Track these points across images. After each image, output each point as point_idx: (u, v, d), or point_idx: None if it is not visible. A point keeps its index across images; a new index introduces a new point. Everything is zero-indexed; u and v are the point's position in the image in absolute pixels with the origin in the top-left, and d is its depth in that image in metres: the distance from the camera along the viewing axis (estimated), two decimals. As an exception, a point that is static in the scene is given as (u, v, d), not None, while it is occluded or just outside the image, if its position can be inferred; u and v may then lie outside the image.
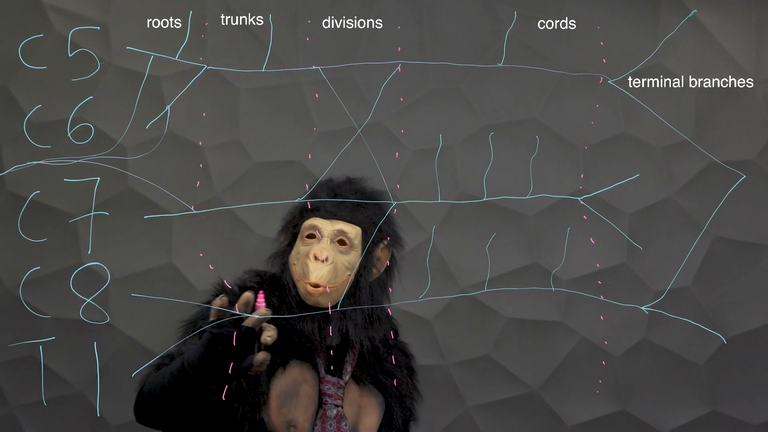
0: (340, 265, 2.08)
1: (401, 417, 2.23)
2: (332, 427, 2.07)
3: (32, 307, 2.79)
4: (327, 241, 2.09)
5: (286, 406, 2.05)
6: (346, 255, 2.10)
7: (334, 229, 2.10)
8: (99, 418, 3.16)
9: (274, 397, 2.05)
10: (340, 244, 2.09)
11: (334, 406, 2.08)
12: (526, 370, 3.29)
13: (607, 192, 3.24)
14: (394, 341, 2.26)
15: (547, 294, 3.29)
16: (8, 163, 3.16)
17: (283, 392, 2.05)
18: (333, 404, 2.08)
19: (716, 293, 3.33)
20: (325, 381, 2.09)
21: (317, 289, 2.05)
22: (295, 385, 2.06)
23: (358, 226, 2.12)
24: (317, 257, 2.06)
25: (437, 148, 3.26)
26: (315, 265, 2.06)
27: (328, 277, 2.06)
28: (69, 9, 3.21)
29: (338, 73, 3.26)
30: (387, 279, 2.18)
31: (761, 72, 3.35)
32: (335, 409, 2.08)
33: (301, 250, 2.09)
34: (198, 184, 3.22)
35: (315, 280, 2.05)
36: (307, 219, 2.11)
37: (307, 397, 2.07)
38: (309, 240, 2.10)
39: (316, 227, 2.10)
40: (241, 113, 3.26)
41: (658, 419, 3.31)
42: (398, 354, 2.26)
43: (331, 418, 2.08)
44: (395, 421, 2.20)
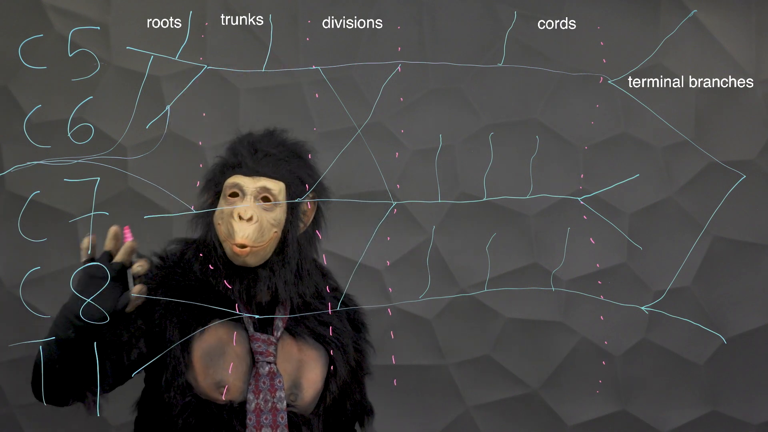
0: (265, 222, 2.02)
1: (346, 368, 2.16)
2: (265, 385, 2.02)
3: (32, 307, 2.79)
4: (251, 199, 2.03)
5: (213, 367, 2.01)
6: (271, 212, 2.04)
7: (257, 186, 2.04)
8: (99, 418, 3.15)
9: (197, 359, 2.01)
10: (264, 201, 2.03)
11: (266, 363, 2.03)
12: (526, 370, 3.29)
13: (607, 192, 3.24)
14: (333, 294, 2.19)
15: (547, 294, 3.29)
16: (8, 163, 3.16)
17: (207, 354, 2.02)
18: (265, 361, 2.03)
19: (716, 293, 3.33)
20: (254, 339, 2.04)
21: (244, 250, 2.00)
22: (221, 345, 2.02)
23: (281, 181, 2.06)
24: (242, 216, 2.00)
25: (437, 148, 3.26)
26: (240, 225, 2.00)
27: (254, 237, 2.00)
28: (69, 9, 3.21)
29: (338, 73, 3.26)
30: (313, 231, 2.12)
31: (761, 72, 3.35)
32: (267, 366, 2.03)
33: (224, 210, 2.03)
34: (198, 184, 3.21)
35: (241, 241, 1.99)
36: (228, 177, 2.06)
37: (235, 356, 2.02)
38: (232, 199, 2.04)
39: (238, 185, 2.04)
40: (241, 113, 3.26)
41: (658, 419, 3.31)
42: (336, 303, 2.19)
43: (264, 375, 2.03)
44: (339, 372, 2.14)
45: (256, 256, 2.03)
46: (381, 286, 3.25)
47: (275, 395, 2.03)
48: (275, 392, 2.03)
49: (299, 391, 2.07)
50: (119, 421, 3.19)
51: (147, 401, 2.15)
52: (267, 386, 2.03)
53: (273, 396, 2.03)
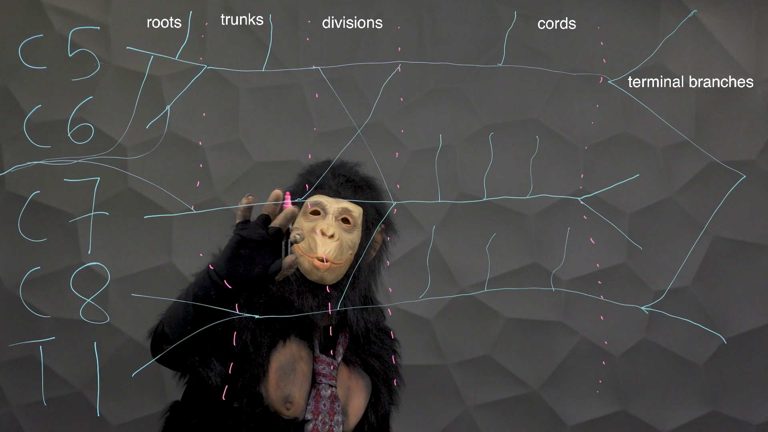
0: (344, 242, 2.10)
1: (388, 400, 2.22)
2: (326, 407, 2.07)
3: (32, 307, 2.79)
4: (332, 218, 2.11)
5: (284, 381, 2.05)
6: (349, 234, 2.12)
7: (339, 207, 2.12)
8: (99, 418, 3.16)
9: (273, 370, 2.05)
10: (344, 223, 2.11)
11: (329, 386, 2.08)
12: (526, 370, 3.29)
13: (607, 192, 3.24)
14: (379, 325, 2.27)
15: (547, 294, 3.29)
16: (8, 163, 3.16)
17: (282, 367, 2.05)
18: (327, 384, 2.08)
19: (716, 293, 3.33)
20: (319, 360, 2.09)
21: (324, 264, 2.06)
22: (293, 361, 2.07)
23: (360, 206, 2.15)
24: (324, 233, 2.07)
25: (437, 148, 3.27)
26: (323, 240, 2.07)
27: (335, 253, 2.07)
28: (69, 9, 3.21)
29: (338, 73, 3.26)
30: (378, 262, 2.21)
31: (761, 72, 3.35)
32: (330, 389, 2.08)
33: (305, 225, 2.10)
34: (198, 184, 3.22)
35: (322, 255, 2.05)
36: (310, 196, 2.12)
37: (302, 375, 2.07)
38: (313, 216, 2.11)
39: (321, 204, 2.11)
40: (241, 113, 3.26)
41: (658, 419, 3.31)
42: (385, 337, 2.27)
43: (325, 398, 2.08)
44: (382, 404, 2.20)
45: (333, 272, 2.09)
46: (381, 286, 3.25)
47: (333, 419, 2.08)
48: (333, 416, 2.08)
49: (346, 417, 2.13)
50: (119, 421, 3.19)
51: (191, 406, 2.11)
52: (327, 408, 2.08)
53: (331, 419, 2.08)
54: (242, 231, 1.79)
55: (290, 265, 1.78)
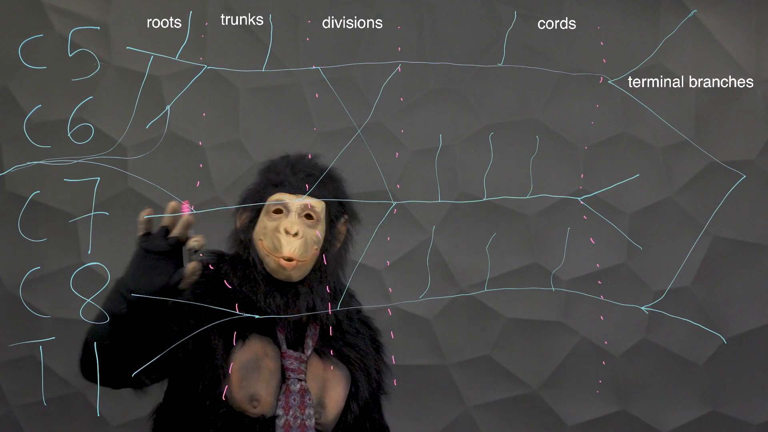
0: (309, 238, 2.09)
1: (368, 389, 2.21)
2: (296, 402, 2.07)
3: (32, 307, 2.79)
4: (295, 216, 2.10)
5: (247, 380, 2.05)
6: (313, 229, 2.11)
7: (301, 203, 2.11)
8: (99, 418, 3.16)
9: (234, 370, 2.05)
10: (307, 218, 2.11)
11: (297, 380, 2.08)
12: (526, 370, 3.29)
13: (607, 192, 3.24)
14: (357, 315, 2.26)
15: (547, 294, 3.29)
16: (8, 163, 3.16)
17: (244, 366, 2.05)
18: (296, 378, 2.08)
19: (716, 293, 3.33)
20: (287, 356, 2.09)
21: (290, 263, 2.06)
22: (257, 359, 2.06)
23: (322, 200, 2.14)
24: (288, 231, 2.07)
25: (437, 148, 3.27)
26: (287, 239, 2.07)
27: (301, 251, 2.07)
28: (69, 9, 3.21)
29: (338, 73, 3.26)
30: (344, 253, 2.20)
31: (761, 72, 3.35)
32: (298, 384, 2.08)
33: (268, 225, 2.10)
34: (198, 184, 3.21)
35: (289, 254, 2.06)
36: (271, 194, 2.12)
37: (268, 371, 2.06)
38: (276, 215, 2.11)
39: (282, 202, 2.11)
40: (241, 113, 3.26)
41: (658, 419, 3.31)
42: (362, 326, 2.26)
43: (295, 393, 2.07)
44: (361, 392, 2.19)
45: (299, 270, 2.08)
46: (381, 286, 3.25)
47: (304, 412, 2.07)
48: (305, 409, 2.08)
49: (323, 409, 2.12)
50: (119, 421, 3.19)
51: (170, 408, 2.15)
52: (297, 403, 2.07)
53: (302, 413, 2.07)
54: (144, 243, 1.85)
55: (192, 272, 1.83)
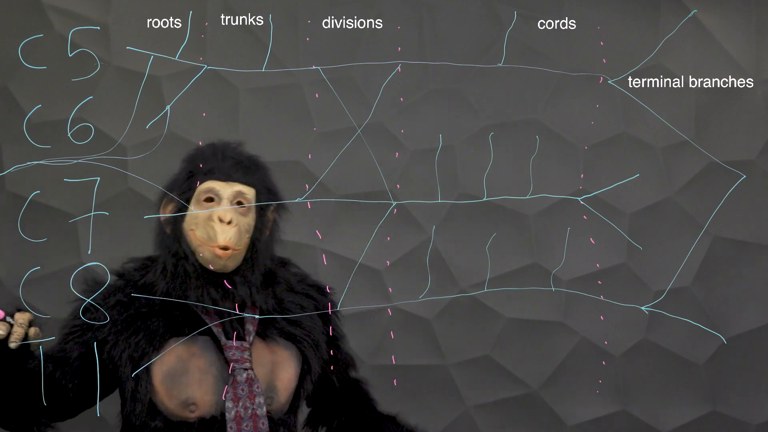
0: (242, 226, 2.06)
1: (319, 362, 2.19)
2: (244, 392, 2.03)
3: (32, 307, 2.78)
4: (227, 203, 2.07)
5: (177, 387, 2.01)
6: (245, 217, 2.08)
7: (233, 190, 2.08)
8: (99, 418, 3.15)
9: (158, 382, 2.01)
10: (239, 206, 2.08)
11: (243, 369, 2.03)
12: (526, 370, 3.29)
13: (607, 192, 3.24)
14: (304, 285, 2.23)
15: (547, 294, 3.29)
16: (8, 163, 3.15)
17: (168, 375, 2.01)
18: (241, 368, 2.03)
19: (716, 293, 3.33)
20: (228, 347, 2.04)
21: (226, 252, 2.03)
22: (181, 363, 2.02)
23: (252, 187, 2.11)
24: (222, 219, 2.04)
25: (437, 148, 3.26)
26: (222, 227, 2.03)
27: (236, 239, 2.04)
28: (69, 9, 3.21)
29: (338, 73, 3.26)
30: (271, 240, 2.17)
31: (761, 72, 3.35)
32: (244, 373, 2.03)
33: (200, 214, 2.06)
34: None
35: (224, 243, 2.02)
36: (201, 182, 2.09)
37: (199, 372, 2.02)
38: (207, 204, 2.07)
39: (213, 190, 2.08)
40: (241, 113, 3.26)
41: (658, 419, 3.31)
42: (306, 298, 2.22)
43: (242, 383, 2.03)
44: (314, 368, 2.17)
45: (234, 259, 2.05)
46: (381, 286, 3.25)
47: (254, 401, 2.03)
48: (254, 398, 2.03)
49: (274, 393, 2.09)
50: (119, 421, 3.19)
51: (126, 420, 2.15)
52: (246, 393, 2.03)
53: (252, 402, 2.03)
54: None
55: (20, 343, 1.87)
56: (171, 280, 2.07)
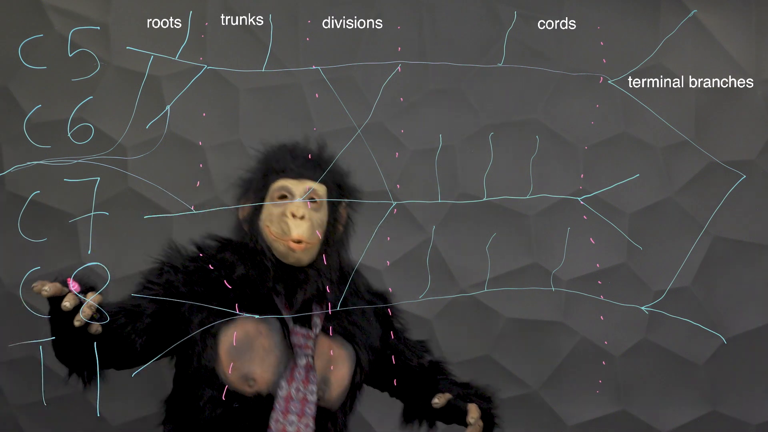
0: (314, 221, 2.15)
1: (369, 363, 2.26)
2: (300, 375, 2.11)
3: (32, 307, 2.78)
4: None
5: (240, 360, 2.09)
6: (317, 213, 2.17)
7: (304, 187, 2.17)
8: (99, 418, 3.16)
9: (224, 352, 2.09)
10: (311, 202, 2.16)
11: (305, 356, 2.12)
12: (526, 370, 3.29)
13: (607, 192, 3.24)
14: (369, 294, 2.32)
15: (547, 294, 3.29)
16: (8, 163, 3.15)
17: (235, 347, 2.09)
18: (303, 354, 2.12)
19: (716, 293, 3.33)
20: (294, 333, 2.13)
21: (299, 245, 2.12)
22: (248, 339, 2.10)
23: (323, 184, 2.20)
24: (295, 214, 2.13)
25: (437, 148, 3.26)
26: (295, 223, 2.12)
27: (309, 233, 2.13)
28: (69, 9, 3.21)
29: (338, 73, 3.26)
30: (346, 236, 2.26)
31: (761, 72, 3.35)
32: (305, 359, 2.12)
33: (274, 211, 2.15)
34: (198, 184, 3.21)
35: (297, 237, 2.11)
36: (273, 181, 2.17)
37: (263, 350, 2.11)
38: (280, 201, 2.16)
39: (286, 187, 2.17)
40: (241, 113, 3.26)
41: (658, 419, 3.31)
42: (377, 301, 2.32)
43: (301, 367, 2.11)
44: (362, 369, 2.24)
45: (308, 253, 2.15)
46: (381, 286, 3.24)
47: (307, 387, 2.11)
48: (308, 384, 2.12)
49: (327, 387, 2.16)
50: (119, 421, 3.19)
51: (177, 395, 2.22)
52: (302, 377, 2.11)
53: (305, 387, 2.11)
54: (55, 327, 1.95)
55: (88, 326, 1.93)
56: (250, 268, 2.16)
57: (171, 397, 2.24)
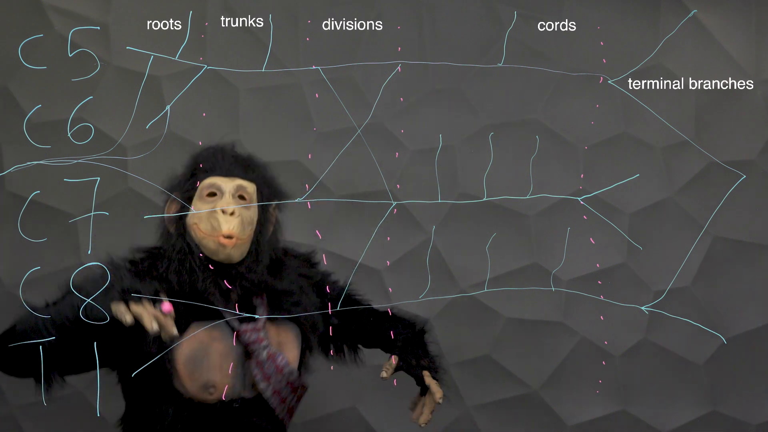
0: (245, 218, 2.16)
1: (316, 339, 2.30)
2: (270, 369, 2.13)
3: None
4: (229, 196, 2.17)
5: (198, 371, 2.10)
6: (247, 211, 2.17)
7: (234, 185, 2.18)
8: (99, 418, 3.16)
9: (181, 365, 2.10)
10: (241, 199, 2.18)
11: (263, 348, 2.13)
12: (526, 370, 3.29)
13: (607, 192, 3.24)
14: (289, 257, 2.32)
15: (547, 294, 3.29)
16: (8, 163, 3.16)
17: (190, 358, 2.10)
18: (261, 347, 2.13)
19: (716, 293, 3.33)
20: (243, 332, 2.14)
21: (230, 240, 2.12)
22: (203, 348, 2.11)
23: (252, 182, 2.21)
24: (225, 211, 2.13)
25: (437, 148, 3.27)
26: (224, 218, 2.13)
27: (239, 229, 2.13)
28: (69, 9, 3.21)
29: (338, 73, 3.26)
30: (275, 236, 2.27)
31: (761, 72, 3.35)
32: (264, 351, 2.13)
33: (202, 208, 2.16)
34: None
35: (228, 232, 2.11)
36: (203, 180, 2.19)
37: (219, 355, 2.11)
38: (210, 198, 2.17)
39: (216, 185, 2.18)
40: (241, 113, 3.26)
41: (658, 419, 3.31)
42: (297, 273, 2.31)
43: (265, 361, 2.13)
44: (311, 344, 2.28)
45: (239, 249, 2.14)
46: (381, 286, 3.25)
47: (283, 372, 2.15)
48: (282, 370, 2.15)
49: None
50: (119, 421, 3.18)
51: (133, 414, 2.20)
52: (272, 368, 2.14)
53: (281, 374, 2.14)
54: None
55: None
56: (180, 274, 2.15)
57: (127, 416, 2.22)
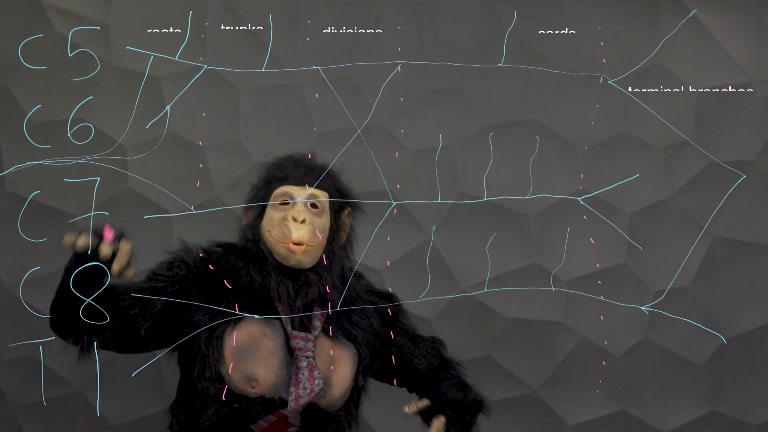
0: (316, 225, 2.21)
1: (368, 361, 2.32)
2: (304, 376, 2.17)
3: (32, 307, 2.78)
4: (301, 205, 2.22)
5: (244, 362, 2.15)
6: (319, 218, 2.23)
7: (306, 193, 2.23)
8: (99, 418, 3.16)
9: (227, 353, 2.15)
10: (313, 208, 2.22)
11: (305, 357, 2.17)
12: (526, 370, 3.29)
13: (607, 192, 3.24)
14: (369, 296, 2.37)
15: (547, 294, 3.29)
16: (8, 163, 3.15)
17: (238, 348, 2.15)
18: (303, 356, 2.18)
19: (716, 293, 3.33)
20: (293, 337, 2.19)
21: (300, 247, 2.18)
22: (252, 341, 2.16)
23: (325, 191, 2.26)
24: (296, 218, 2.19)
25: (437, 148, 3.26)
26: (295, 226, 2.18)
27: (309, 236, 2.19)
28: (69, 9, 3.21)
29: (338, 73, 3.26)
30: (349, 243, 2.33)
31: (761, 72, 3.35)
32: (306, 360, 2.17)
33: (275, 216, 2.22)
34: (198, 184, 3.21)
35: (298, 239, 2.17)
36: (276, 188, 2.24)
37: (267, 351, 2.16)
38: (282, 207, 2.22)
39: (288, 193, 2.23)
40: (241, 113, 3.26)
41: (658, 419, 3.31)
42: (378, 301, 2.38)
43: (303, 368, 2.17)
44: (365, 368, 2.30)
45: (309, 255, 2.20)
46: (381, 286, 3.24)
47: (314, 383, 2.18)
48: (314, 381, 2.18)
49: (329, 387, 2.21)
50: (119, 421, 3.19)
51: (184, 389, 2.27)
52: (306, 377, 2.17)
53: (312, 384, 2.18)
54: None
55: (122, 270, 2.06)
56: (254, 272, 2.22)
57: (176, 408, 2.29)
